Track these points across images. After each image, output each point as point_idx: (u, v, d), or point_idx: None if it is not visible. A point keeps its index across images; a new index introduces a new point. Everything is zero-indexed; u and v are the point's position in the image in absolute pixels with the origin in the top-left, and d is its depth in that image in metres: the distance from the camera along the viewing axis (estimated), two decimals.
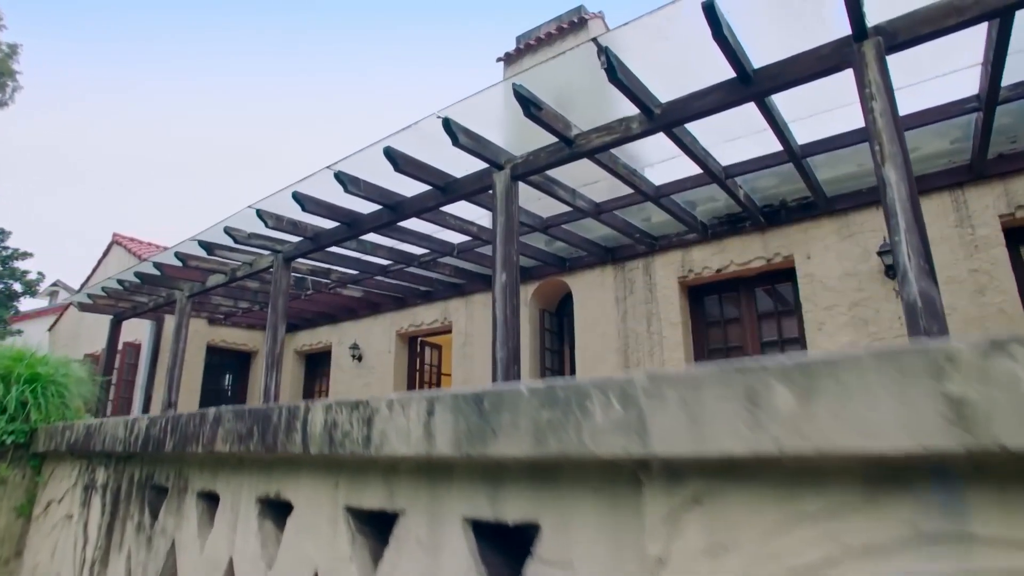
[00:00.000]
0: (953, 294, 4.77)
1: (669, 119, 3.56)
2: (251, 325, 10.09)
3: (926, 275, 2.53)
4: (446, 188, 4.61)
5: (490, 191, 4.64)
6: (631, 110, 3.75)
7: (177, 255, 6.15)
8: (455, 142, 3.87)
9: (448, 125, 3.83)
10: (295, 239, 5.84)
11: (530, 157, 4.15)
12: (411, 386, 9.00)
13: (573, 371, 7.53)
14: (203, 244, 5.84)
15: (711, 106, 3.41)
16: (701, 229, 5.99)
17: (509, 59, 9.01)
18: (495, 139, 4.21)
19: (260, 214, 5.19)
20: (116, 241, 10.66)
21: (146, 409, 8.65)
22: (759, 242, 5.88)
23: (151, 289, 7.35)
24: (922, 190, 5.10)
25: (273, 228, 5.31)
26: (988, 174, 4.77)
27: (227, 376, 10.39)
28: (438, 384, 9.58)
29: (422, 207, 4.82)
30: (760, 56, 3.30)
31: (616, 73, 3.21)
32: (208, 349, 9.61)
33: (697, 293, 6.50)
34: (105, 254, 10.97)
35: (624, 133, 3.72)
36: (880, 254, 5.04)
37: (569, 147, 3.95)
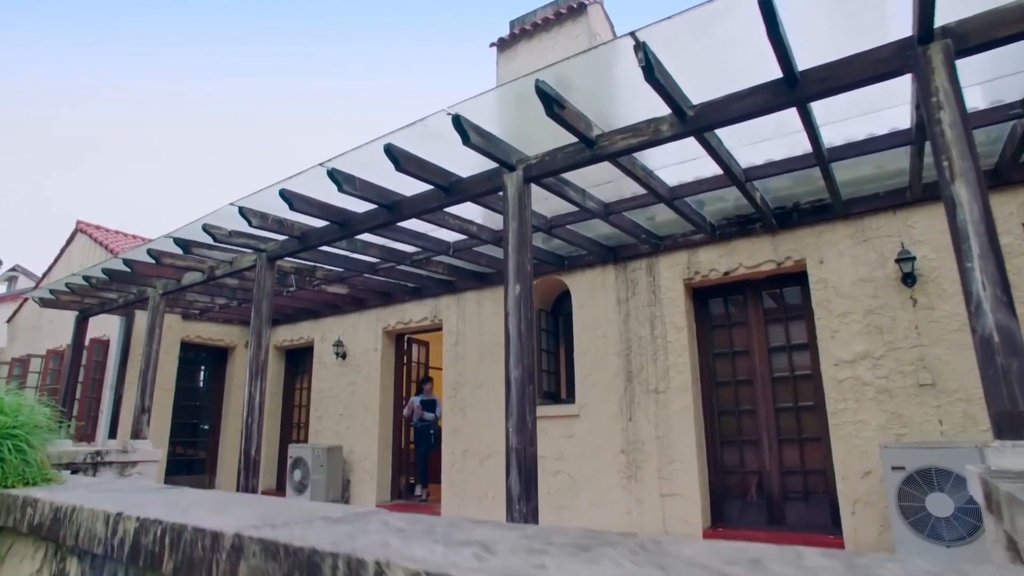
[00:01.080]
0: None
1: (704, 122, 3.27)
2: (228, 320, 9.60)
3: (1004, 306, 2.31)
4: (450, 188, 4.26)
5: (499, 193, 4.31)
6: (636, 112, 3.48)
7: (150, 252, 5.67)
8: (466, 141, 3.53)
9: (459, 122, 3.47)
10: (280, 238, 5.42)
11: (546, 158, 3.82)
12: (399, 385, 8.67)
13: (570, 372, 7.28)
14: (179, 242, 5.38)
15: (751, 109, 3.13)
16: (709, 230, 5.74)
17: (503, 44, 8.60)
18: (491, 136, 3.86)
19: (243, 212, 4.77)
20: (80, 229, 10.00)
21: (116, 411, 8.15)
22: (769, 245, 5.66)
23: (121, 286, 6.84)
24: (939, 196, 4.93)
25: (258, 227, 4.89)
26: (1012, 180, 4.61)
27: (202, 373, 9.89)
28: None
29: (423, 208, 4.46)
30: (805, 57, 3.02)
31: (654, 72, 2.89)
32: (182, 345, 9.10)
33: (701, 295, 6.29)
34: (68, 243, 10.30)
35: (653, 136, 3.42)
36: (899, 261, 4.87)
37: (590, 148, 3.63)
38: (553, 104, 3.22)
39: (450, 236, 5.96)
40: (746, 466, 5.73)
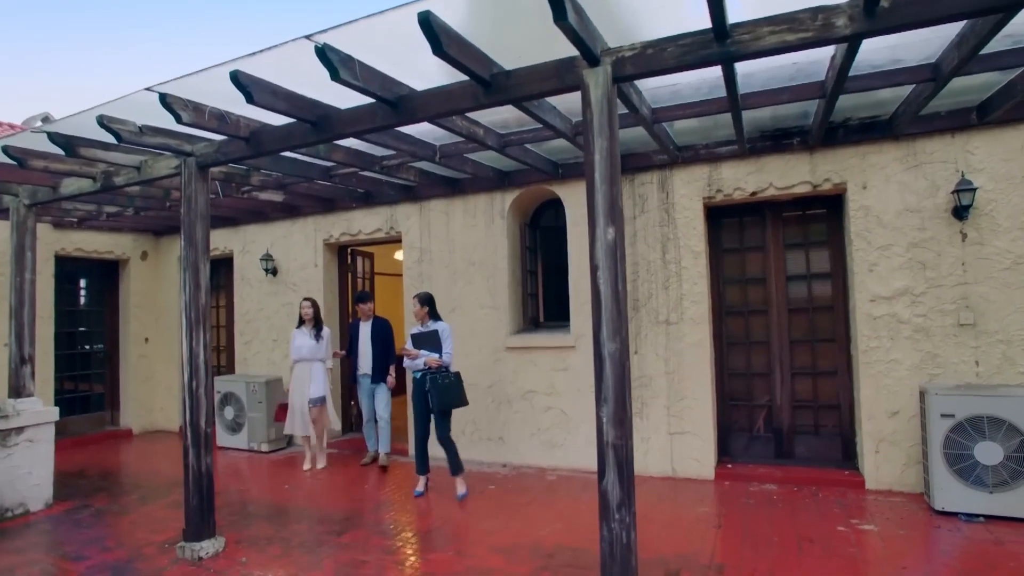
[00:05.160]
0: None
1: (900, 20, 2.35)
2: (116, 228, 7.65)
3: None
4: (492, 84, 3.05)
5: (561, 95, 3.20)
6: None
7: (8, 152, 3.90)
8: (561, 17, 2.35)
9: None
10: (217, 138, 3.91)
11: (648, 50, 2.74)
12: (345, 306, 7.51)
13: (549, 294, 6.56)
14: (58, 139, 3.70)
15: (976, 7, 2.25)
16: (740, 143, 4.97)
17: None
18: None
19: (168, 102, 3.25)
20: None
21: None
22: (806, 164, 5.03)
23: None
24: (1014, 119, 4.44)
25: (189, 123, 3.40)
26: None
27: (85, 292, 8.01)
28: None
29: (449, 108, 3.23)
30: None
31: None
32: (57, 259, 7.16)
33: (714, 214, 5.65)
34: None
35: (819, 33, 2.46)
36: (957, 192, 4.44)
37: (720, 43, 2.61)
38: None
39: (440, 139, 4.71)
40: (754, 399, 5.49)
